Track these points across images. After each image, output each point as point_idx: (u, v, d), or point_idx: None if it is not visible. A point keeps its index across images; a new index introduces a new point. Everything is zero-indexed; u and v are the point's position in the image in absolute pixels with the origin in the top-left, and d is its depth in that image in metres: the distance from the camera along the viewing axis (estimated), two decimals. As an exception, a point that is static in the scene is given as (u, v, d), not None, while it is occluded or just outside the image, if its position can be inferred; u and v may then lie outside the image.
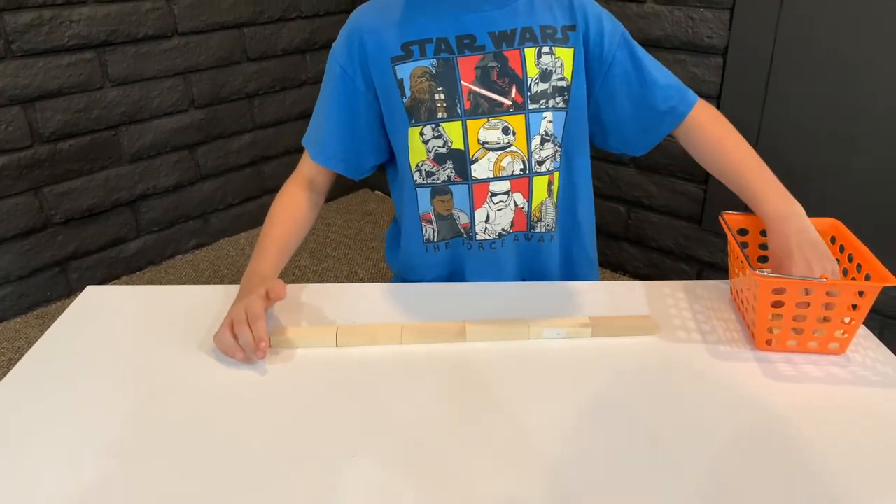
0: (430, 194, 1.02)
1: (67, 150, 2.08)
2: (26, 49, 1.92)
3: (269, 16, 2.45)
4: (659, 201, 2.10)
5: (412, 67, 0.96)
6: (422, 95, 0.96)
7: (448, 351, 0.86)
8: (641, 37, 1.94)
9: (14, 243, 2.04)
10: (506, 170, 1.00)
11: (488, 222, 1.03)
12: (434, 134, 0.98)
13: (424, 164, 1.00)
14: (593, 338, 0.88)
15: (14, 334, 2.03)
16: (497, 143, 0.98)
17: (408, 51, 0.96)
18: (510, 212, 1.02)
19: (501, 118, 0.97)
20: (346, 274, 2.35)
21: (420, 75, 0.96)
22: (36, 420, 0.74)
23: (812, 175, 1.76)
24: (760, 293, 0.82)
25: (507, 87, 0.97)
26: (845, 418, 0.74)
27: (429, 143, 0.98)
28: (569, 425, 0.73)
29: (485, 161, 0.99)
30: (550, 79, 0.99)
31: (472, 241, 1.04)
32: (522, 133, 0.99)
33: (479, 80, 0.96)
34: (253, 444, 0.71)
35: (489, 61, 0.96)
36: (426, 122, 0.97)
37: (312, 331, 0.88)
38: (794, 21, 1.68)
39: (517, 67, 0.97)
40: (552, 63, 0.98)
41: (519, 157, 1.00)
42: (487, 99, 0.97)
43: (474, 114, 0.97)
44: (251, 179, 2.61)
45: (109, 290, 1.01)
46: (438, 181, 1.00)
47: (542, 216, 1.05)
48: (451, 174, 1.00)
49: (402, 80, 0.96)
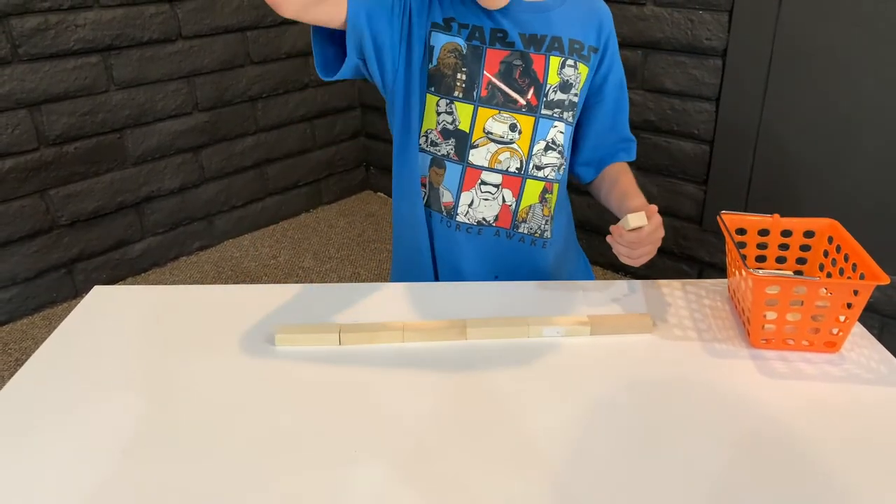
0: (430, 163, 1.04)
1: (73, 153, 2.10)
2: (32, 53, 1.94)
3: (272, 19, 2.47)
4: (659, 202, 2.11)
5: (446, 40, 0.99)
6: (446, 70, 0.99)
7: (449, 349, 0.87)
8: (641, 39, 1.96)
9: (20, 245, 2.06)
10: (501, 164, 1.02)
11: (471, 207, 1.05)
12: (447, 109, 1.01)
13: (432, 132, 1.03)
14: (592, 336, 0.89)
15: (21, 335, 2.05)
16: (501, 137, 1.01)
17: (448, 24, 0.99)
18: (496, 205, 1.05)
19: (512, 114, 1.00)
20: (349, 275, 2.37)
21: (451, 50, 0.99)
22: (44, 419, 0.76)
23: (810, 176, 1.78)
24: (755, 291, 0.83)
25: (526, 88, 1.00)
26: (839, 416, 0.76)
27: (440, 116, 1.01)
28: (568, 422, 0.74)
29: (484, 150, 1.01)
30: (569, 91, 1.02)
31: (451, 220, 1.06)
32: (528, 134, 1.01)
33: (501, 73, 0.99)
34: (257, 442, 0.72)
35: (515, 58, 0.99)
36: (443, 95, 1.00)
37: (316, 329, 0.89)
38: (792, 23, 1.69)
39: (540, 72, 1.00)
40: (574, 76, 1.02)
41: (517, 156, 1.02)
42: (504, 93, 1.00)
43: (488, 103, 1.00)
44: (255, 181, 2.63)
45: (116, 290, 1.03)
46: (439, 154, 1.03)
47: (528, 219, 1.07)
48: (450, 151, 1.02)
49: (433, 46, 0.99)
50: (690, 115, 1.95)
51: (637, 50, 1.98)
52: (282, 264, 2.44)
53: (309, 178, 2.81)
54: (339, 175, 2.92)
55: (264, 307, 0.96)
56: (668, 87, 1.97)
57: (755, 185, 1.88)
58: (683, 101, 1.95)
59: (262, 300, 0.98)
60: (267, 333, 0.89)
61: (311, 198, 2.85)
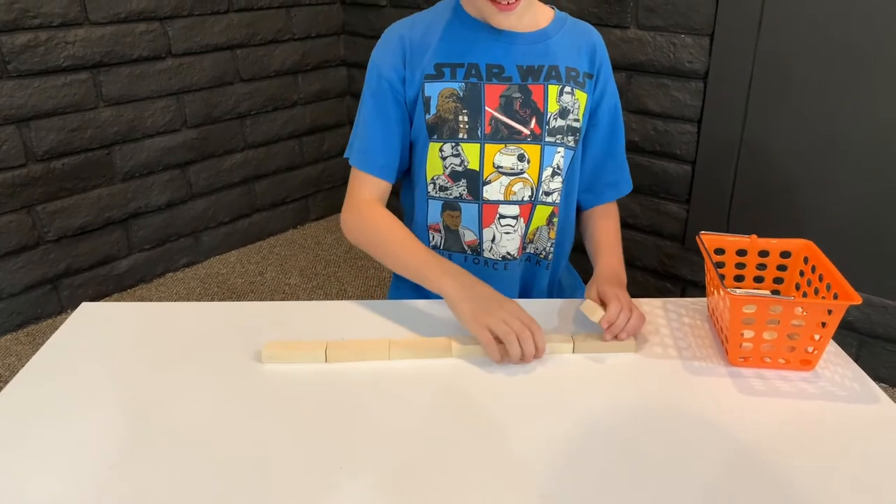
0: (441, 208, 1.06)
1: (61, 169, 2.10)
2: (22, 70, 1.95)
3: (262, 38, 2.50)
4: (643, 221, 2.14)
5: (441, 87, 1.00)
6: (446, 115, 1.01)
7: (435, 366, 0.88)
8: (625, 61, 1.99)
9: (6, 261, 2.06)
10: (516, 195, 1.04)
11: (494, 243, 1.07)
12: (453, 152, 1.02)
13: (440, 178, 1.04)
14: (575, 353, 0.91)
15: (4, 351, 2.03)
16: (511, 169, 1.03)
17: (440, 71, 1.01)
18: (517, 237, 1.07)
19: (518, 145, 1.02)
20: (336, 292, 2.37)
21: (448, 96, 1.01)
22: (32, 435, 0.76)
23: (788, 196, 1.81)
24: (732, 310, 0.85)
25: (528, 118, 1.02)
26: (815, 432, 0.78)
27: (446, 160, 1.03)
28: (551, 437, 0.76)
29: (497, 184, 1.03)
30: (567, 117, 1.04)
31: (479, 256, 1.08)
32: (536, 162, 1.03)
33: (502, 107, 1.01)
34: (243, 459, 0.73)
35: (514, 91, 1.01)
36: (447, 139, 1.01)
37: (302, 346, 0.90)
38: (772, 48, 1.73)
39: (539, 101, 1.02)
40: (571, 103, 1.04)
41: (529, 185, 1.04)
42: (508, 126, 1.01)
43: (493, 138, 1.01)
44: (242, 198, 2.63)
45: (103, 306, 1.04)
46: (451, 197, 1.05)
47: (535, 240, 1.09)
48: (463, 192, 1.04)
49: (429, 97, 1.01)
50: (673, 136, 1.99)
51: (621, 72, 2.02)
52: (269, 281, 2.44)
53: (297, 195, 2.82)
54: (327, 192, 2.94)
55: (251, 324, 0.97)
56: (651, 108, 2.00)
57: (736, 205, 1.91)
58: (666, 122, 1.99)
59: (249, 317, 0.99)
60: (254, 350, 0.90)
61: (299, 214, 2.86)
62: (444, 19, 1.03)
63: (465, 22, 1.02)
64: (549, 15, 1.06)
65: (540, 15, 1.05)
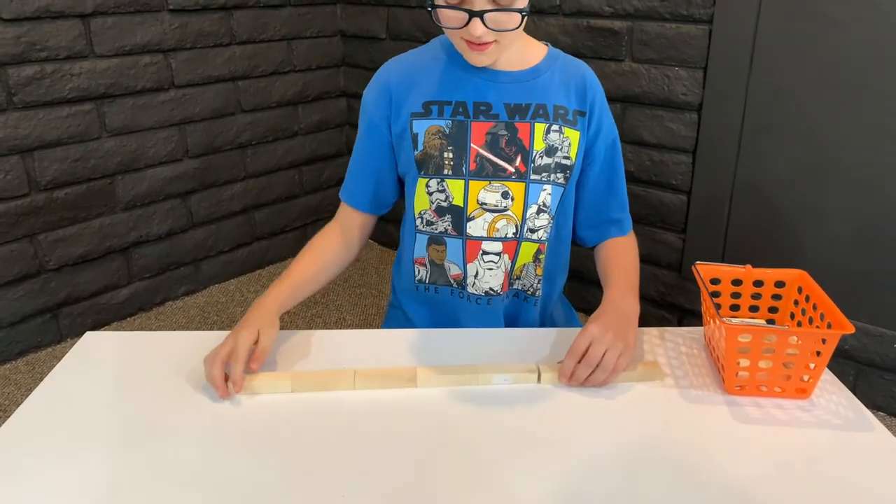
0: (427, 242, 1.08)
1: (63, 199, 2.13)
2: (27, 101, 1.98)
3: (263, 70, 2.54)
4: (640, 250, 2.15)
5: (428, 125, 1.03)
6: (432, 151, 1.03)
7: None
8: (620, 93, 2.03)
9: (7, 289, 2.07)
10: (499, 232, 1.05)
11: (477, 278, 1.08)
12: (438, 188, 1.04)
13: (426, 213, 1.06)
14: (540, 383, 0.91)
15: (4, 380, 2.03)
16: (495, 206, 1.04)
17: (427, 109, 1.03)
18: (500, 273, 1.08)
19: (503, 183, 1.03)
20: (335, 320, 2.38)
21: (434, 133, 1.03)
22: (36, 464, 0.77)
23: (782, 227, 1.84)
24: (728, 339, 0.87)
25: (513, 156, 1.03)
26: (810, 460, 0.78)
27: (432, 196, 1.05)
28: (547, 471, 0.76)
29: (480, 220, 1.04)
30: (555, 155, 1.05)
31: (463, 290, 1.09)
32: (520, 200, 1.04)
33: (487, 144, 1.03)
34: (244, 487, 0.74)
35: (500, 129, 1.03)
36: (433, 175, 1.03)
37: (268, 377, 0.91)
38: (765, 80, 1.77)
39: (525, 139, 1.03)
40: (559, 141, 1.05)
41: (513, 222, 1.05)
42: (492, 163, 1.03)
43: (478, 175, 1.03)
44: (242, 227, 2.66)
45: (107, 336, 1.05)
46: (436, 231, 1.06)
47: (522, 276, 1.10)
48: (448, 227, 1.06)
49: (416, 134, 1.03)
50: (668, 167, 2.02)
51: (616, 103, 2.05)
52: (268, 309, 2.44)
53: (296, 224, 2.84)
54: (326, 221, 2.92)
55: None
56: (647, 139, 2.04)
57: (731, 234, 1.93)
58: (661, 152, 2.02)
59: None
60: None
61: (298, 243, 2.88)
62: (435, 57, 1.05)
63: (456, 61, 1.03)
64: (541, 52, 1.06)
65: (531, 52, 1.05)
